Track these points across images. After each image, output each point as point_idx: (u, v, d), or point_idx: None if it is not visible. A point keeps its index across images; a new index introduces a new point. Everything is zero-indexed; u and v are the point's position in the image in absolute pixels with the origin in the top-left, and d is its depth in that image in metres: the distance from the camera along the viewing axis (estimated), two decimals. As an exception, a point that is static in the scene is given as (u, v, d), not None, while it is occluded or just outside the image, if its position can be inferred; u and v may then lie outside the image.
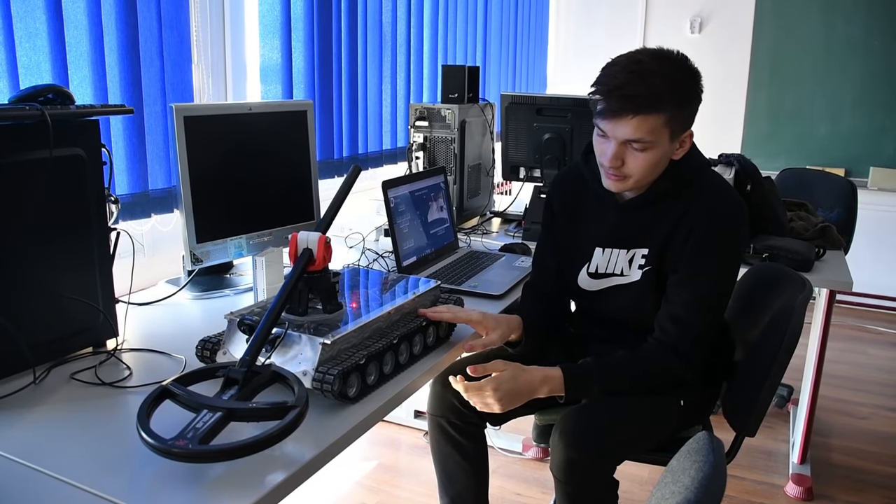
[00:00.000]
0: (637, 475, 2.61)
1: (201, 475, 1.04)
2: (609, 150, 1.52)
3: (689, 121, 1.54)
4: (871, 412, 3.27)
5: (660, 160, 1.53)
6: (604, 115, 1.50)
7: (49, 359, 1.39)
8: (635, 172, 1.53)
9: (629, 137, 1.48)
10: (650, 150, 1.50)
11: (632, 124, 1.47)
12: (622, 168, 1.53)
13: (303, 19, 2.48)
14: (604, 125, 1.52)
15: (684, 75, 1.50)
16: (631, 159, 1.52)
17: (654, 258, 1.62)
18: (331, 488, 2.57)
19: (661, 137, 1.49)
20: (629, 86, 1.45)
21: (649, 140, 1.48)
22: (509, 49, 4.46)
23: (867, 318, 4.53)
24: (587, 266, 1.72)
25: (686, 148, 1.58)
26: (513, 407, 1.54)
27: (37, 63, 1.65)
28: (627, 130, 1.48)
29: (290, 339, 1.28)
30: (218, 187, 1.83)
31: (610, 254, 1.68)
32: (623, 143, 1.50)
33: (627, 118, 1.46)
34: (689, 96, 1.51)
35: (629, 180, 1.55)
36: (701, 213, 1.56)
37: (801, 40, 4.55)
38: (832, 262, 2.52)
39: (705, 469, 0.90)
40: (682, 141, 1.56)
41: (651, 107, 1.45)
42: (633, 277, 1.66)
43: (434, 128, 2.54)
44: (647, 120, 1.46)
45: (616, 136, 1.50)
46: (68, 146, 1.36)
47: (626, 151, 1.51)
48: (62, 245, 1.37)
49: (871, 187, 4.45)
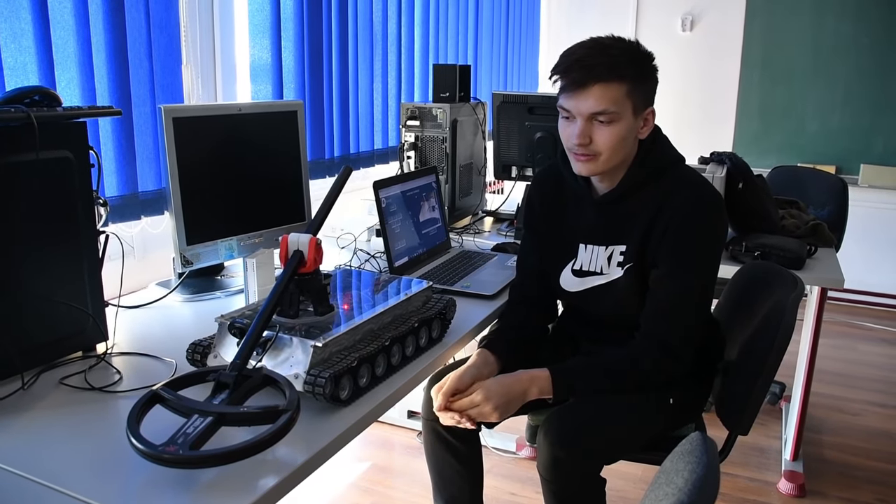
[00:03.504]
0: (631, 474, 2.61)
1: (192, 481, 1.03)
2: (576, 129, 1.53)
3: (649, 96, 1.57)
4: (862, 408, 3.29)
5: (626, 135, 1.54)
6: (566, 90, 1.53)
7: (38, 364, 1.37)
8: (604, 148, 1.54)
9: (593, 110, 1.50)
10: (616, 124, 1.51)
11: (594, 94, 1.49)
12: (590, 146, 1.54)
13: (293, 18, 2.47)
14: (567, 103, 1.53)
15: (639, 52, 1.54)
16: (598, 135, 1.53)
17: (634, 254, 1.62)
18: (324, 490, 2.56)
19: (624, 109, 1.51)
20: (589, 57, 1.50)
21: (613, 111, 1.50)
22: (501, 48, 4.46)
23: (859, 314, 4.55)
24: (572, 263, 1.71)
25: (650, 126, 1.59)
26: (508, 414, 1.54)
27: (23, 64, 1.64)
28: (591, 102, 1.49)
29: (282, 342, 1.27)
30: (208, 189, 1.82)
31: (592, 251, 1.68)
32: (588, 119, 1.52)
33: (590, 87, 1.49)
34: (646, 69, 1.54)
35: (599, 159, 1.55)
36: (677, 206, 1.56)
37: (792, 38, 4.56)
38: (823, 259, 2.52)
39: (699, 470, 0.90)
40: (646, 119, 1.58)
41: (611, 73, 1.48)
42: (614, 275, 1.65)
43: (425, 127, 2.53)
44: (608, 88, 1.48)
45: (581, 111, 1.51)
46: (55, 148, 1.34)
47: (592, 128, 1.53)
48: (50, 248, 1.35)
49: (862, 184, 4.47)
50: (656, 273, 1.60)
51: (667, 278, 1.58)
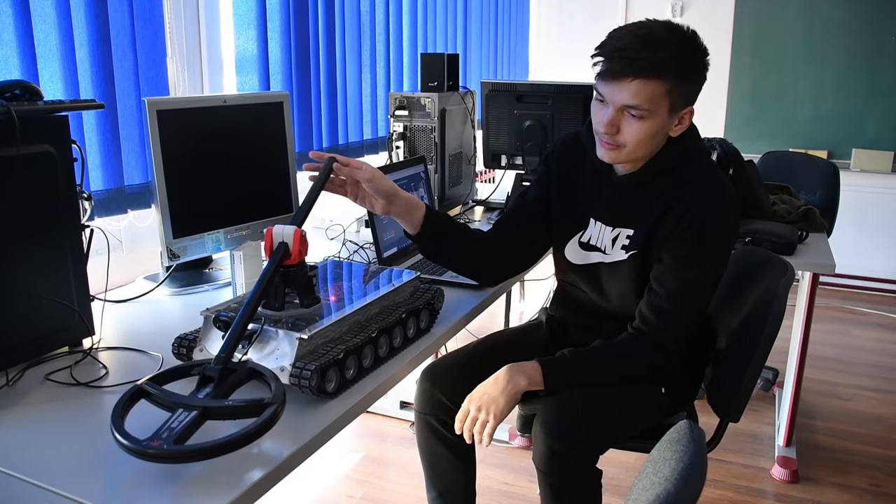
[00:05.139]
0: (623, 462, 2.62)
1: (177, 475, 1.03)
2: (605, 116, 1.47)
3: (691, 96, 1.50)
4: (855, 393, 3.30)
5: (656, 133, 1.48)
6: (603, 77, 1.46)
7: (23, 360, 1.36)
8: (630, 142, 1.48)
9: (627, 103, 1.44)
10: (647, 120, 1.45)
11: (631, 88, 1.42)
12: (616, 136, 1.48)
13: (279, 9, 2.45)
14: (603, 88, 1.47)
15: (691, 48, 1.46)
16: (626, 127, 1.47)
17: (639, 242, 1.58)
18: (317, 481, 2.56)
19: (659, 108, 1.44)
20: (632, 48, 1.41)
21: (647, 108, 1.43)
22: (490, 36, 4.43)
23: (851, 299, 4.56)
24: (580, 234, 1.67)
25: (685, 126, 1.53)
26: (507, 411, 1.54)
27: (4, 58, 1.62)
28: (626, 95, 1.43)
29: (267, 335, 1.27)
30: (194, 182, 1.80)
31: (600, 228, 1.65)
32: (620, 109, 1.45)
33: (627, 81, 1.42)
34: (692, 69, 1.47)
35: (622, 150, 1.50)
36: (694, 203, 1.51)
37: (783, 23, 4.55)
38: (815, 244, 2.52)
39: (685, 459, 0.89)
40: (682, 117, 1.51)
41: (652, 71, 1.41)
42: (615, 258, 1.62)
43: (414, 117, 2.52)
44: (646, 85, 1.41)
45: (614, 100, 1.45)
46: (37, 143, 1.32)
47: (622, 118, 1.46)
48: (33, 244, 1.34)
49: (854, 169, 4.47)
50: (660, 267, 1.56)
51: (668, 275, 1.54)
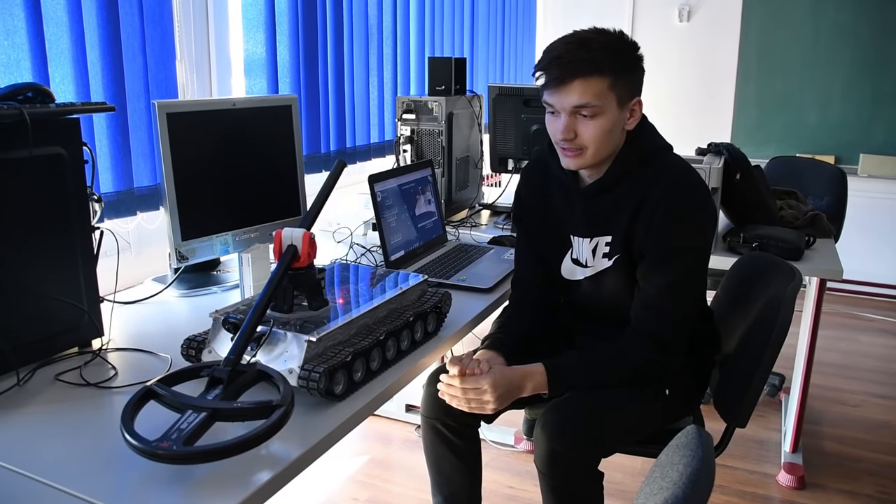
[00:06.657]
0: (629, 466, 2.61)
1: (186, 476, 1.03)
2: (560, 124, 1.53)
3: (635, 87, 1.55)
4: (862, 400, 3.28)
5: (612, 128, 1.53)
6: (548, 87, 1.52)
7: (33, 360, 1.37)
8: (590, 142, 1.53)
9: (576, 103, 1.49)
10: (599, 117, 1.50)
11: (576, 89, 1.48)
12: (576, 140, 1.53)
13: (287, 12, 2.46)
14: (551, 98, 1.53)
15: (621, 43, 1.53)
16: (583, 129, 1.52)
17: (619, 245, 1.61)
18: (322, 484, 2.56)
19: (608, 102, 1.50)
20: (568, 54, 1.49)
21: (596, 104, 1.49)
22: (497, 40, 4.44)
23: (858, 305, 4.54)
24: (570, 253, 1.71)
25: (637, 117, 1.58)
26: (503, 406, 1.55)
27: (16, 61, 1.63)
28: (573, 97, 1.49)
29: (276, 337, 1.27)
30: (202, 184, 1.81)
31: (579, 243, 1.68)
32: (572, 113, 1.51)
33: (571, 83, 1.48)
34: (628, 61, 1.53)
35: (586, 153, 1.55)
36: (662, 196, 1.55)
37: (790, 28, 4.54)
38: (822, 250, 2.52)
39: (693, 464, 0.89)
40: (632, 109, 1.56)
41: (591, 68, 1.47)
42: (599, 267, 1.65)
43: (421, 120, 2.52)
44: (589, 83, 1.47)
45: (564, 106, 1.51)
46: (48, 145, 1.34)
47: (576, 122, 1.52)
48: (44, 245, 1.35)
49: (861, 174, 4.46)
50: (644, 264, 1.59)
51: (653, 270, 1.57)
